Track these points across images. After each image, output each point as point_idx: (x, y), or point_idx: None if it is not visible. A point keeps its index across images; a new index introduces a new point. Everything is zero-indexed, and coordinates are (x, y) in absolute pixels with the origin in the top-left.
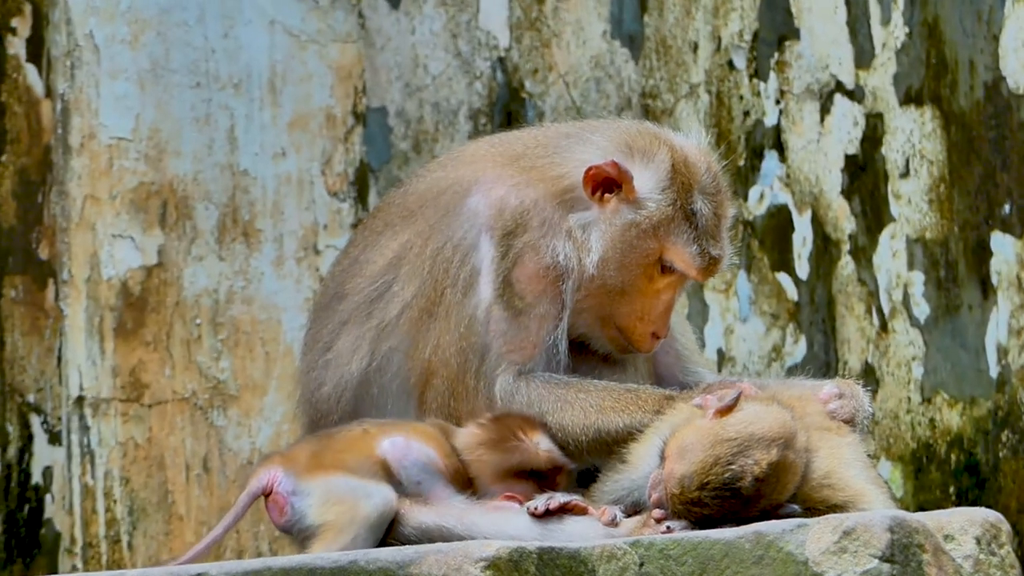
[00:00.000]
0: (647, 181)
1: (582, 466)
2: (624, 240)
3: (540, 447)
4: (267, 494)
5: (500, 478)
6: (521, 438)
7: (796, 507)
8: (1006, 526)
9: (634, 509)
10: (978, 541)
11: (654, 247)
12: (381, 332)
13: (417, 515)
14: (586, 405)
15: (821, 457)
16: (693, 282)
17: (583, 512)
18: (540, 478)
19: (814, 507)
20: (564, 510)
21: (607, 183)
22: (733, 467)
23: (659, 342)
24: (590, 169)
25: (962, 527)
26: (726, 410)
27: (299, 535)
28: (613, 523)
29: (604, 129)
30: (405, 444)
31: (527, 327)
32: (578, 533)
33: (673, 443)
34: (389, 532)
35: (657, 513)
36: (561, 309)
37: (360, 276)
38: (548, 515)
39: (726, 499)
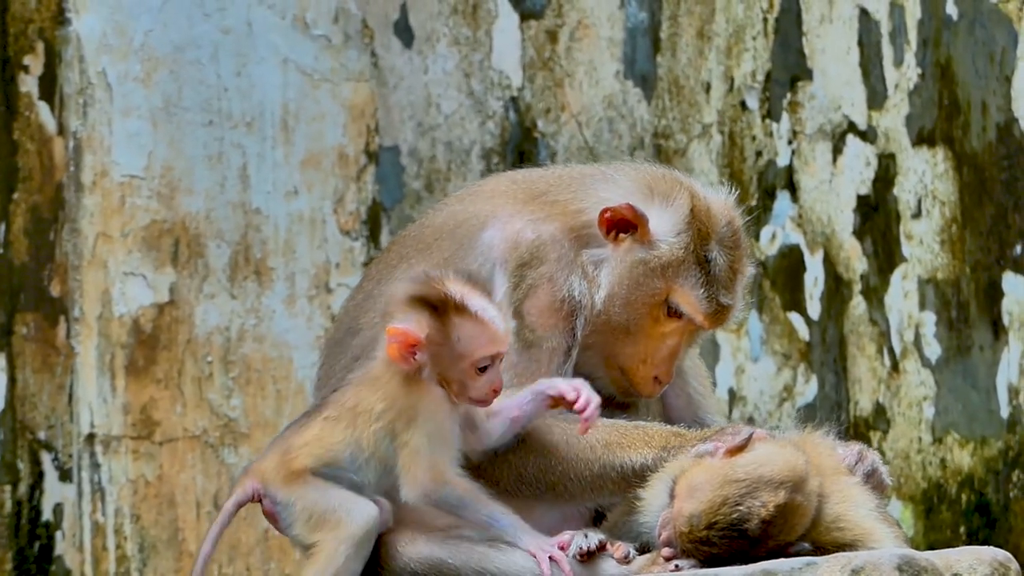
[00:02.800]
0: (663, 224)
1: (589, 505)
2: (631, 277)
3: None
4: (259, 502)
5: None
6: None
7: (806, 545)
8: (1015, 565)
9: (643, 547)
10: None
11: (660, 287)
12: None
13: (419, 547)
14: (593, 441)
15: (832, 502)
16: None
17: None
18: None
19: (825, 547)
20: (600, 549)
21: (622, 224)
22: (741, 508)
23: (662, 387)
24: (605, 211)
25: (971, 566)
26: (736, 450)
27: (296, 541)
28: (626, 560)
29: (628, 171)
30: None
31: (537, 360)
32: (589, 571)
33: (683, 482)
34: (381, 560)
35: (666, 552)
36: (571, 344)
37: (374, 311)
38: (589, 556)
39: (734, 539)
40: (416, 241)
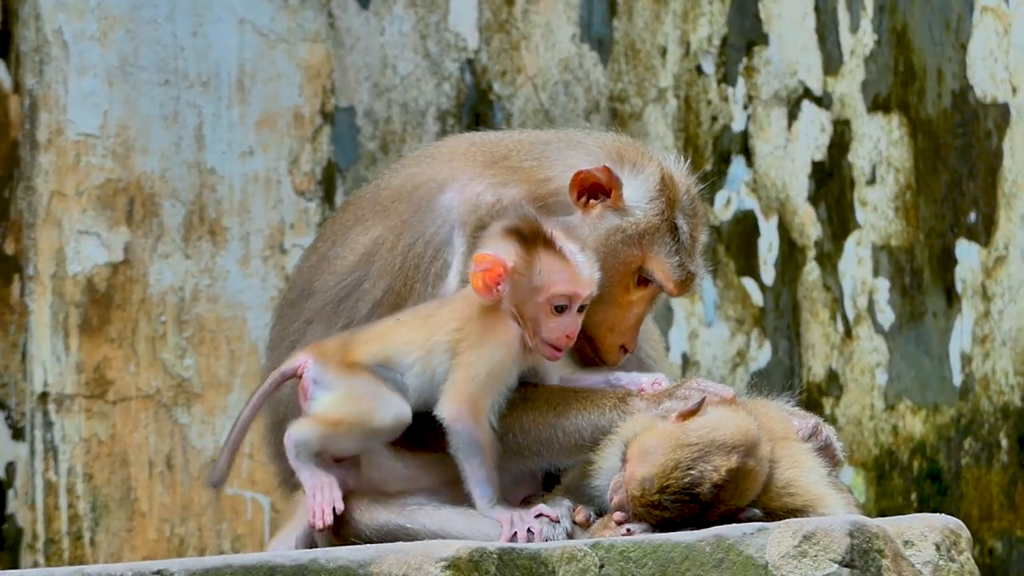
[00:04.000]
0: (635, 191)
1: (544, 467)
2: (607, 245)
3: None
4: (299, 378)
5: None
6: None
7: (757, 511)
8: (966, 533)
9: (598, 512)
10: (938, 547)
11: (636, 255)
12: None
13: (376, 514)
14: (547, 404)
15: (783, 467)
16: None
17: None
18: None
19: (775, 513)
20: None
21: (594, 189)
22: (693, 472)
23: (625, 356)
24: (579, 173)
25: (922, 533)
26: (689, 414)
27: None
28: (587, 523)
29: (594, 137)
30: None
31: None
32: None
33: (635, 446)
34: (342, 529)
35: (618, 515)
36: None
37: (329, 273)
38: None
39: (685, 503)
40: (372, 203)
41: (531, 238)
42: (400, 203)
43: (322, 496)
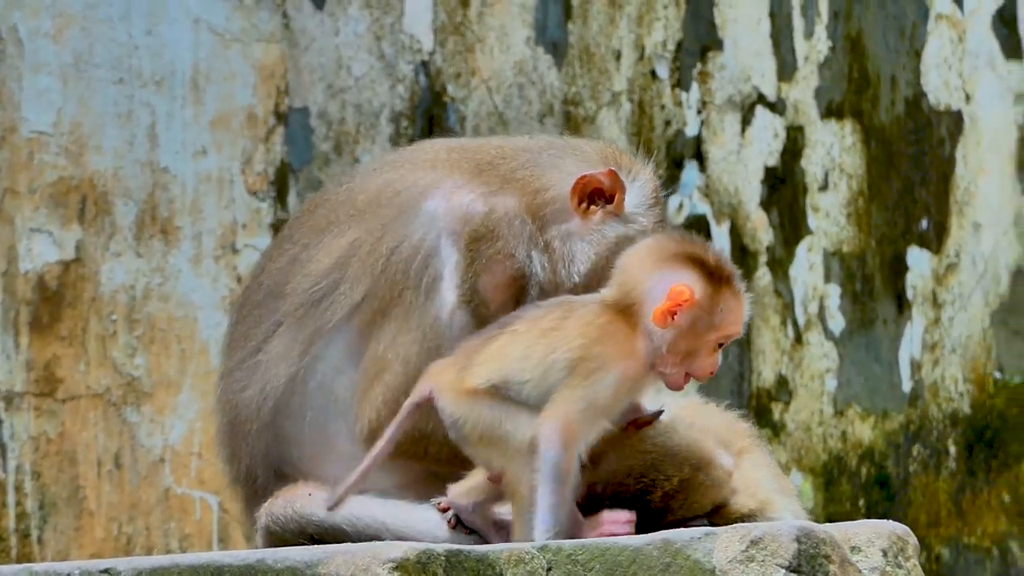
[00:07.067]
0: (634, 197)
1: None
2: (615, 252)
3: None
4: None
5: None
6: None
7: (705, 522)
8: (913, 539)
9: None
10: (885, 553)
11: None
12: (319, 337)
13: (318, 510)
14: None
15: (734, 475)
16: None
17: None
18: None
19: (725, 517)
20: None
21: (595, 194)
22: (645, 479)
23: None
24: (583, 177)
25: (869, 539)
26: (644, 423)
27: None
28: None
29: (588, 143)
30: None
31: None
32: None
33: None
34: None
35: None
36: None
37: (302, 276)
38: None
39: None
40: (348, 206)
41: (716, 273)
42: (381, 207)
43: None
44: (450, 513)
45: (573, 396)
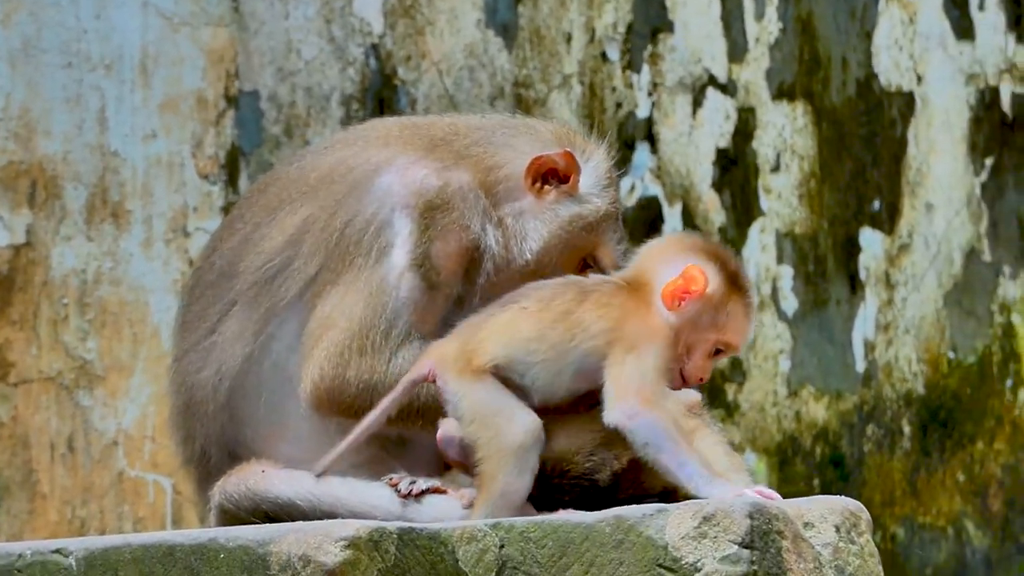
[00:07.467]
0: (588, 178)
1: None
2: (569, 232)
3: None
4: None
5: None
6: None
7: (656, 501)
8: (866, 515)
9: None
10: (837, 529)
11: (592, 242)
12: (273, 316)
13: (272, 487)
14: None
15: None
16: None
17: (443, 494)
18: None
19: (673, 494)
20: (427, 493)
21: (550, 174)
22: (594, 458)
23: None
24: (539, 158)
25: (822, 515)
26: (595, 403)
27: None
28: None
29: (542, 123)
30: None
31: (437, 303)
32: (438, 513)
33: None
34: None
35: None
36: (472, 294)
37: (255, 254)
38: (410, 497)
39: (585, 488)
40: (300, 184)
41: (734, 277)
42: (334, 184)
43: None
44: (405, 483)
45: (625, 372)
